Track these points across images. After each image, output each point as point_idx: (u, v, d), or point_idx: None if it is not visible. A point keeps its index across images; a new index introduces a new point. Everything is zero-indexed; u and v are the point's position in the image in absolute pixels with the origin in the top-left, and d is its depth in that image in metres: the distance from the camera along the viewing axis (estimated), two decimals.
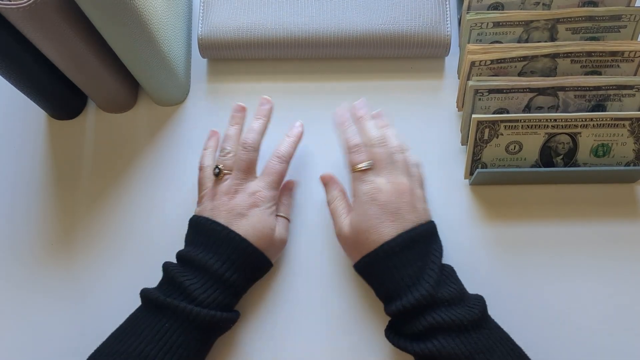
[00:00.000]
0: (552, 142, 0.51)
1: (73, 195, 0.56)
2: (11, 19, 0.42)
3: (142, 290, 0.46)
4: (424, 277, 0.43)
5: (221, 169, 0.49)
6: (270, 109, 0.52)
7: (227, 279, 0.45)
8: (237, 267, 0.45)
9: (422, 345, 0.42)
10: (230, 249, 0.46)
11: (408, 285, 0.44)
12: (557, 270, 0.51)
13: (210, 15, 0.57)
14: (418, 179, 0.50)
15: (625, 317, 0.49)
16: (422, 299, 0.42)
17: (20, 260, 0.54)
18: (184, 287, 0.44)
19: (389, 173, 0.47)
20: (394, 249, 0.44)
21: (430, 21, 0.56)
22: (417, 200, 0.47)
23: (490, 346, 0.42)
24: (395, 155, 0.49)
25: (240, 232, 0.46)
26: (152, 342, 0.42)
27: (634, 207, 0.53)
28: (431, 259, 0.45)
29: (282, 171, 0.50)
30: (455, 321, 0.41)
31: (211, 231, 0.46)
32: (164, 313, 0.43)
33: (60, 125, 0.58)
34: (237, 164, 0.49)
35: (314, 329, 0.50)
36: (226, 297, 0.45)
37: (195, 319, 0.43)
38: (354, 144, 0.49)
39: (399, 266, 0.44)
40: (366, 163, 0.48)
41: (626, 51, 0.51)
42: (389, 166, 0.47)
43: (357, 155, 0.48)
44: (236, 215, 0.47)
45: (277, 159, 0.50)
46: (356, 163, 0.48)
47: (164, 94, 0.57)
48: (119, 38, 0.47)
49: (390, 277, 0.44)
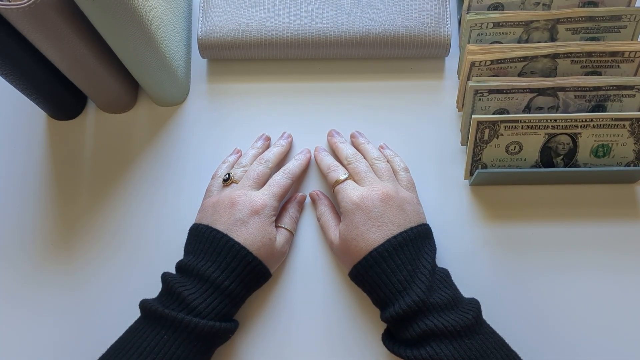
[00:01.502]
0: (552, 143, 0.51)
1: (73, 195, 0.56)
2: (11, 19, 0.42)
3: (142, 301, 0.45)
4: (415, 282, 0.43)
5: (231, 176, 0.50)
6: (291, 142, 0.55)
7: (225, 287, 0.45)
8: (235, 275, 0.45)
9: (416, 351, 0.42)
10: (229, 257, 0.45)
11: (399, 290, 0.44)
12: (557, 271, 0.51)
13: (210, 16, 0.57)
14: (406, 182, 0.51)
15: (626, 317, 0.49)
16: (414, 305, 0.42)
17: (20, 261, 0.54)
18: (183, 297, 0.44)
19: (370, 180, 0.48)
20: (382, 254, 0.44)
21: (430, 21, 0.56)
22: (405, 203, 0.47)
23: (485, 352, 0.41)
24: (376, 164, 0.50)
25: (239, 239, 0.46)
26: (151, 353, 0.42)
27: (634, 207, 0.53)
28: (422, 263, 0.45)
29: (287, 185, 0.50)
30: (449, 327, 0.41)
31: (211, 239, 0.46)
32: (162, 324, 0.43)
33: (60, 125, 0.58)
34: (248, 174, 0.50)
35: (313, 338, 0.50)
36: (225, 306, 0.45)
37: (194, 329, 0.43)
38: (327, 165, 0.51)
39: (389, 272, 0.44)
40: (343, 175, 0.49)
41: (626, 51, 0.51)
42: (368, 175, 0.49)
43: (334, 172, 0.50)
44: (236, 222, 0.46)
45: (284, 174, 0.51)
46: (334, 179, 0.50)
47: (164, 94, 0.57)
48: (119, 38, 0.47)
49: (381, 283, 0.44)
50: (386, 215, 0.46)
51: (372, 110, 0.57)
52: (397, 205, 0.46)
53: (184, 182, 0.55)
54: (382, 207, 0.46)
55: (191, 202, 0.54)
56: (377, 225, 0.45)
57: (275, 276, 0.51)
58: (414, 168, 0.53)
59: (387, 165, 0.50)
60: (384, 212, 0.46)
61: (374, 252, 0.45)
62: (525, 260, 0.51)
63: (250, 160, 0.52)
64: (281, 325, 0.50)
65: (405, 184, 0.50)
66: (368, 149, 0.52)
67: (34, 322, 0.52)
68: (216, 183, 0.51)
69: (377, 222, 0.45)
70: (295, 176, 0.52)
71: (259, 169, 0.50)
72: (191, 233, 0.49)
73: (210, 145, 0.57)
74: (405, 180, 0.51)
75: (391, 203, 0.46)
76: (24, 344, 0.51)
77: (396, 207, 0.46)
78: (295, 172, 0.52)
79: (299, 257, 0.52)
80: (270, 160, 0.51)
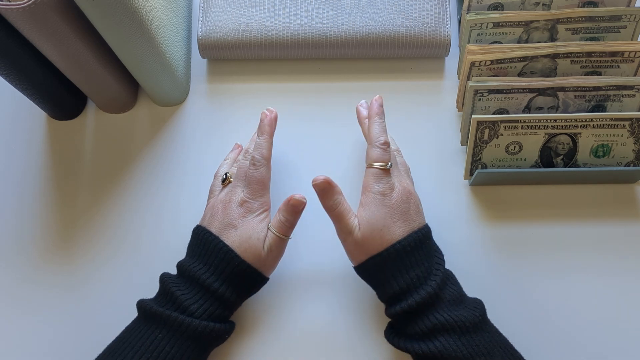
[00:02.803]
0: (552, 143, 0.51)
1: (73, 195, 0.56)
2: (11, 19, 0.42)
3: (139, 301, 0.46)
4: (430, 277, 0.44)
5: (228, 176, 0.50)
6: (270, 121, 0.50)
7: (215, 290, 0.44)
8: (225, 278, 0.45)
9: (424, 345, 0.42)
10: (218, 259, 0.45)
11: (416, 286, 0.44)
12: (557, 271, 0.51)
13: (210, 16, 0.57)
14: (412, 182, 0.51)
15: (626, 318, 0.49)
16: (428, 297, 0.43)
17: (20, 261, 0.54)
18: (176, 297, 0.44)
19: (398, 174, 0.48)
20: (406, 248, 0.44)
21: (430, 21, 0.56)
22: (419, 202, 0.48)
23: (491, 349, 0.42)
24: (397, 157, 0.50)
25: (229, 242, 0.46)
26: (146, 352, 0.42)
27: (634, 207, 0.53)
28: (436, 260, 0.45)
29: (261, 177, 0.47)
30: (458, 322, 0.42)
31: (204, 241, 0.46)
32: (157, 323, 0.43)
33: (60, 125, 0.58)
34: (237, 172, 0.49)
35: (312, 339, 0.50)
36: (217, 308, 0.45)
37: (187, 329, 0.43)
38: (384, 141, 0.47)
39: (409, 266, 0.44)
40: (388, 164, 0.47)
41: (626, 51, 0.51)
42: (396, 168, 0.48)
43: (384, 154, 0.47)
44: (227, 225, 0.46)
45: (252, 167, 0.48)
46: (379, 160, 0.46)
47: (164, 94, 0.57)
48: (119, 38, 0.47)
49: (398, 277, 0.44)
50: (410, 212, 0.46)
51: None
52: (415, 203, 0.47)
53: (184, 182, 0.55)
54: (407, 204, 0.46)
55: (191, 202, 0.54)
56: (403, 220, 0.45)
57: (273, 277, 0.51)
58: (414, 168, 0.53)
59: (403, 160, 0.51)
60: (408, 207, 0.46)
61: (397, 244, 0.44)
62: (525, 260, 0.51)
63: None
64: (279, 327, 0.50)
65: (412, 182, 0.51)
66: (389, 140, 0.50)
67: (34, 322, 0.52)
68: (217, 183, 0.51)
69: (403, 217, 0.45)
70: (265, 160, 0.48)
71: (244, 165, 0.48)
72: (192, 234, 0.49)
73: (210, 145, 0.57)
74: (411, 179, 0.51)
75: (412, 200, 0.47)
76: (23, 343, 0.51)
77: (415, 204, 0.47)
78: (263, 157, 0.48)
79: (298, 258, 0.52)
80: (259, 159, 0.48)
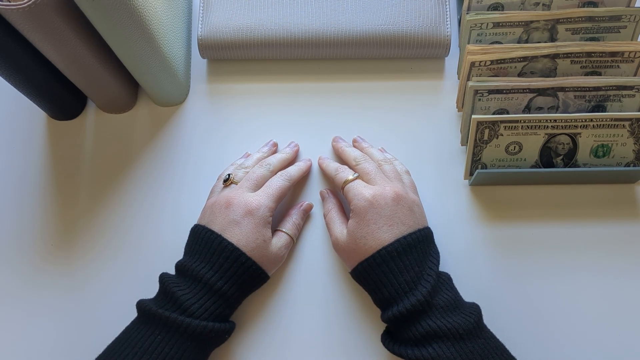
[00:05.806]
0: (552, 143, 0.51)
1: (73, 196, 0.56)
2: (11, 19, 0.42)
3: (138, 301, 0.45)
4: (421, 283, 0.43)
5: (231, 177, 0.50)
6: (297, 152, 0.55)
7: (219, 288, 0.45)
8: (229, 276, 0.45)
9: (417, 351, 0.42)
10: (222, 257, 0.45)
11: (405, 291, 0.43)
12: (557, 271, 0.51)
13: (210, 16, 0.57)
14: (410, 185, 0.50)
15: (627, 318, 0.49)
16: (418, 304, 0.42)
17: (20, 261, 0.54)
18: (176, 297, 0.44)
19: (381, 180, 0.48)
20: (392, 253, 0.44)
21: (430, 21, 0.56)
22: (414, 204, 0.47)
23: (485, 356, 0.42)
24: (383, 166, 0.50)
25: (233, 240, 0.46)
26: (145, 354, 0.42)
27: (634, 208, 0.53)
28: (428, 265, 0.45)
29: (283, 187, 0.49)
30: (451, 329, 0.41)
31: (206, 239, 0.46)
32: (156, 325, 0.43)
33: (60, 125, 0.58)
34: (248, 175, 0.50)
35: (312, 339, 0.50)
36: (218, 307, 0.45)
37: (187, 330, 0.43)
38: (334, 168, 0.51)
39: (396, 271, 0.44)
40: (352, 175, 0.49)
41: (626, 51, 0.51)
42: (378, 175, 0.48)
43: (342, 173, 0.50)
44: (230, 222, 0.46)
45: (281, 176, 0.50)
46: (343, 179, 0.49)
47: (164, 94, 0.57)
48: (119, 39, 0.47)
49: (387, 282, 0.44)
50: (397, 215, 0.45)
51: (372, 110, 0.57)
52: (407, 206, 0.46)
53: (184, 182, 0.56)
54: (393, 207, 0.46)
55: (191, 202, 0.54)
56: (389, 225, 0.45)
57: (274, 278, 0.51)
58: (414, 168, 0.53)
59: (393, 167, 0.50)
60: (395, 211, 0.45)
61: (382, 250, 0.44)
62: (525, 260, 0.51)
63: (253, 163, 0.52)
64: (279, 327, 0.50)
65: (408, 186, 0.50)
66: (372, 152, 0.52)
67: (34, 322, 0.52)
68: (219, 184, 0.52)
69: (389, 222, 0.45)
70: (293, 179, 0.51)
71: (259, 172, 0.50)
72: (190, 233, 0.49)
73: (210, 145, 0.57)
74: (409, 183, 0.51)
75: (402, 203, 0.46)
76: (23, 343, 0.51)
77: (407, 208, 0.46)
78: (293, 176, 0.51)
79: (299, 259, 0.52)
80: (272, 164, 0.51)
